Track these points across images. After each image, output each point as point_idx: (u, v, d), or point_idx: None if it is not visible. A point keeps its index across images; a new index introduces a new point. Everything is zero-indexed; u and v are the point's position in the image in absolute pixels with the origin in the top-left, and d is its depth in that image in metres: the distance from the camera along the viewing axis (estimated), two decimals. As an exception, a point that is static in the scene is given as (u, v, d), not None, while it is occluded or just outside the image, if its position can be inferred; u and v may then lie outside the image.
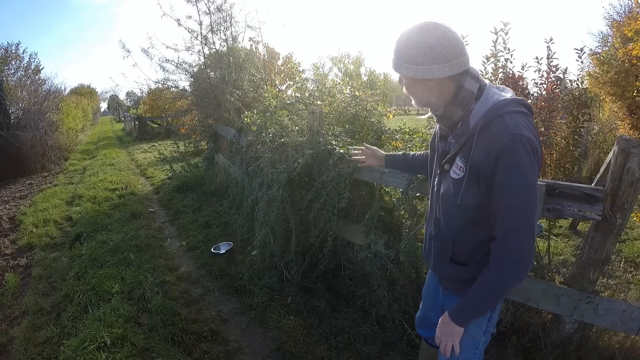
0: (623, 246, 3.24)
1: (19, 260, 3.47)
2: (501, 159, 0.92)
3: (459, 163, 1.04)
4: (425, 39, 0.96)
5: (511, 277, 0.99)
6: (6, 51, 9.58)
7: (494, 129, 0.95)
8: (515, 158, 0.91)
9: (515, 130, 0.92)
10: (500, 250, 0.98)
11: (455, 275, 1.17)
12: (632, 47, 4.22)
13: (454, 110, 1.04)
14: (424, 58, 0.97)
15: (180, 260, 3.33)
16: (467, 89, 1.01)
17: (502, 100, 0.98)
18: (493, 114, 0.96)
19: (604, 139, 5.71)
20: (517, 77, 2.56)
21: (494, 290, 1.02)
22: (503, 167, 0.93)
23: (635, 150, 1.33)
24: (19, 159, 7.75)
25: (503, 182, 0.93)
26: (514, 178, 0.92)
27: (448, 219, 1.12)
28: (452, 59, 0.96)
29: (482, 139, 0.97)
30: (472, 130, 0.99)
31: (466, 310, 1.09)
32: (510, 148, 0.91)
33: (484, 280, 1.02)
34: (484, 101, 1.00)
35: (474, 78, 1.02)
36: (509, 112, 0.96)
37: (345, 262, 2.65)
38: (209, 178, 5.62)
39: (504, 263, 0.98)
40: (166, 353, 2.01)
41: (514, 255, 0.96)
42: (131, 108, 27.27)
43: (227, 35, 5.16)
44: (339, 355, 2.01)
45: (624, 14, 8.82)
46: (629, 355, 1.62)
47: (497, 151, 0.92)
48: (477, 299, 1.05)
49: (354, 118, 2.84)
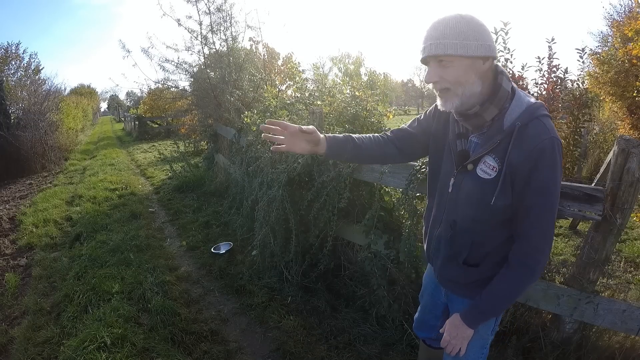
0: (623, 246, 3.24)
1: (19, 260, 3.47)
2: (540, 161, 0.93)
3: (491, 162, 1.00)
4: (467, 19, 0.94)
5: (533, 277, 1.02)
6: (6, 51, 9.57)
7: (534, 131, 0.95)
8: (553, 160, 0.94)
9: (554, 134, 0.95)
10: (527, 251, 1.00)
11: (465, 278, 1.14)
12: (632, 47, 4.21)
13: (490, 109, 0.99)
14: (476, 35, 0.93)
15: (180, 260, 3.33)
16: (504, 89, 1.00)
17: (536, 103, 1.00)
18: (530, 116, 0.97)
19: (604, 139, 5.71)
20: (517, 77, 2.56)
21: (513, 290, 1.04)
22: (542, 168, 0.94)
23: (635, 150, 1.33)
24: (19, 159, 7.75)
25: (541, 183, 0.95)
26: (550, 179, 0.95)
27: (471, 220, 1.08)
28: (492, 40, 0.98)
29: (520, 139, 0.96)
30: (508, 129, 0.97)
31: (481, 312, 1.08)
32: (550, 150, 0.93)
33: (504, 281, 1.03)
34: (519, 102, 1.00)
35: (507, 77, 1.02)
36: (544, 115, 0.98)
37: (345, 262, 2.64)
38: (209, 178, 5.62)
39: (528, 263, 1.00)
40: (166, 353, 2.01)
41: (538, 255, 0.99)
42: (131, 108, 27.24)
43: (227, 35, 5.17)
44: (339, 355, 2.01)
45: (624, 13, 8.82)
46: (629, 355, 1.62)
47: (537, 152, 0.93)
48: (495, 300, 1.06)
49: (354, 118, 2.84)
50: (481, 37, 0.94)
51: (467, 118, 1.03)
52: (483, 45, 0.93)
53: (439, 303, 1.35)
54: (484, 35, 0.94)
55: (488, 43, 0.95)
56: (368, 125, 2.82)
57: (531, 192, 0.96)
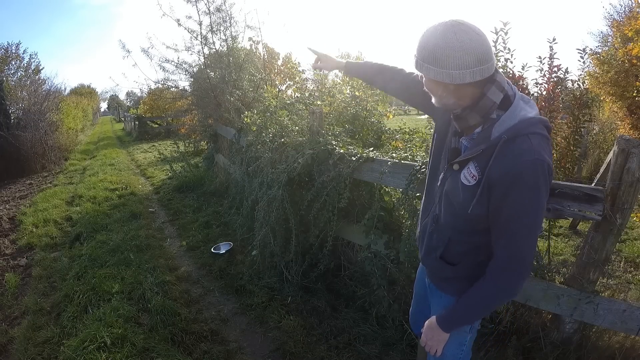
0: (623, 246, 3.24)
1: (19, 260, 3.47)
2: (519, 180, 0.91)
3: (473, 170, 1.01)
4: (449, 42, 0.90)
5: (507, 294, 1.02)
6: (6, 51, 9.57)
7: (519, 147, 0.92)
8: (534, 182, 0.91)
9: (539, 155, 0.91)
10: (502, 267, 0.98)
11: (440, 272, 1.18)
12: (632, 46, 4.21)
13: (472, 115, 1.00)
14: (446, 62, 0.91)
15: (180, 260, 3.33)
16: (489, 98, 0.97)
17: (531, 119, 0.95)
18: (519, 131, 0.93)
19: (604, 139, 5.71)
20: (517, 77, 2.56)
21: (487, 303, 1.05)
22: (521, 188, 0.91)
23: (635, 150, 1.33)
24: (19, 159, 7.75)
25: (518, 203, 0.93)
26: (529, 200, 0.92)
27: (450, 217, 1.11)
28: (475, 65, 0.90)
29: (503, 153, 0.94)
30: (493, 140, 0.96)
31: (455, 318, 1.10)
32: (532, 171, 0.90)
33: (479, 292, 1.03)
34: (512, 114, 0.96)
35: (499, 87, 0.97)
36: (536, 133, 0.93)
37: (345, 262, 2.64)
38: (209, 178, 5.62)
39: (503, 280, 0.99)
40: (166, 353, 2.01)
41: (514, 275, 0.98)
42: (131, 108, 27.25)
43: (226, 35, 5.17)
44: (339, 355, 2.01)
45: (624, 13, 8.82)
46: (629, 355, 1.62)
47: (518, 170, 0.91)
48: (469, 309, 1.07)
49: (354, 118, 2.84)
50: (450, 65, 0.91)
51: (455, 119, 1.06)
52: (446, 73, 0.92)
53: (427, 295, 1.37)
54: (455, 62, 0.90)
55: (454, 72, 0.91)
56: (368, 125, 2.82)
57: (506, 212, 0.94)
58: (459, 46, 0.89)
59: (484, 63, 0.91)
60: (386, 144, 2.71)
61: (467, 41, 0.89)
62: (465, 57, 0.90)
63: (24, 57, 9.89)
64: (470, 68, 0.90)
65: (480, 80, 0.94)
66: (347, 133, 2.66)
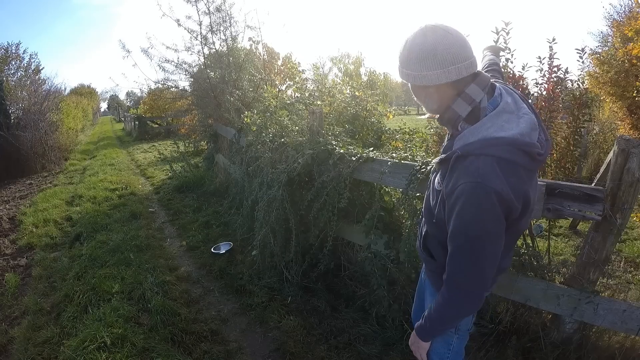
0: (623, 246, 3.24)
1: (19, 260, 3.47)
2: (459, 201, 0.89)
3: (439, 178, 1.03)
4: (421, 44, 0.91)
5: (457, 310, 1.02)
6: (6, 51, 9.55)
7: (465, 167, 0.89)
8: (471, 207, 0.87)
9: (483, 179, 0.85)
10: (447, 284, 0.99)
11: (428, 265, 1.21)
12: (632, 46, 4.21)
13: (443, 123, 1.03)
14: (420, 64, 0.91)
15: (180, 260, 3.32)
16: (452, 110, 0.95)
17: (494, 139, 0.88)
18: (472, 151, 0.89)
19: (604, 139, 5.71)
20: (517, 77, 2.56)
21: (444, 317, 1.06)
22: (459, 211, 0.89)
23: (635, 150, 1.33)
24: (19, 159, 7.75)
25: (455, 225, 0.91)
26: (466, 224, 0.89)
27: (426, 211, 1.15)
28: (449, 64, 0.89)
29: (453, 169, 0.92)
30: (450, 154, 0.95)
31: (425, 330, 1.12)
32: (470, 195, 0.86)
33: (436, 307, 1.05)
34: (475, 130, 0.92)
35: (468, 99, 0.93)
36: (491, 155, 0.87)
37: (345, 262, 2.64)
38: (209, 178, 5.62)
39: (450, 292, 0.99)
40: (166, 353, 2.01)
41: (459, 292, 0.98)
42: (131, 108, 27.25)
43: (226, 36, 5.17)
44: (339, 355, 2.01)
45: (624, 13, 8.81)
46: (629, 355, 1.62)
47: (459, 191, 0.89)
48: (432, 323, 1.08)
49: (354, 118, 2.84)
50: (424, 67, 0.91)
51: (438, 121, 1.08)
52: (421, 75, 0.93)
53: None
54: (428, 64, 0.91)
55: (428, 72, 0.91)
56: (368, 125, 2.83)
57: (450, 228, 0.94)
58: (431, 47, 0.90)
59: (458, 62, 0.90)
60: (386, 144, 2.71)
61: (439, 40, 0.90)
62: (438, 57, 0.90)
63: (24, 57, 9.87)
64: (444, 67, 0.90)
65: (458, 82, 0.92)
66: (347, 133, 2.66)
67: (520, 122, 0.92)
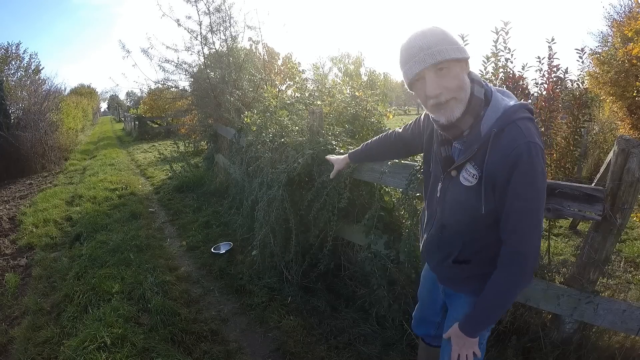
0: (623, 246, 3.24)
1: (19, 260, 3.47)
2: (518, 165, 0.93)
3: (472, 170, 1.02)
4: (440, 29, 0.99)
5: (522, 281, 1.00)
6: (6, 51, 9.56)
7: (509, 136, 0.95)
8: (531, 164, 0.93)
9: (530, 138, 0.93)
10: (513, 255, 0.99)
11: (457, 275, 1.18)
12: (632, 47, 4.21)
13: (465, 119, 1.01)
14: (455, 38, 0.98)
15: (180, 260, 3.33)
16: (477, 97, 1.00)
17: (513, 107, 0.98)
18: (506, 121, 0.97)
19: (604, 139, 5.71)
20: (517, 77, 2.56)
21: (506, 296, 1.03)
22: (520, 173, 0.93)
23: (635, 150, 1.33)
24: (19, 159, 7.75)
25: (519, 187, 0.94)
26: (529, 183, 0.94)
27: (458, 224, 1.11)
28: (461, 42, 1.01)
29: (496, 145, 0.96)
30: (484, 136, 0.98)
31: (478, 321, 1.09)
32: (527, 155, 0.92)
33: (493, 287, 1.03)
34: (495, 107, 1.00)
35: (479, 84, 1.02)
36: (521, 118, 0.97)
37: (345, 262, 2.64)
38: (209, 178, 5.62)
39: (516, 268, 0.99)
40: (166, 353, 2.01)
41: (526, 260, 0.98)
42: (131, 108, 27.24)
43: (226, 36, 5.17)
44: (339, 355, 2.01)
45: (624, 14, 8.82)
46: (629, 355, 1.62)
47: (514, 157, 0.93)
48: (488, 308, 1.06)
49: (354, 118, 2.84)
50: (459, 41, 0.99)
51: (444, 129, 1.06)
52: (464, 48, 0.99)
53: (438, 299, 1.36)
54: (458, 40, 0.99)
55: (463, 46, 0.99)
56: (368, 125, 2.82)
57: (510, 197, 0.96)
58: (446, 30, 0.99)
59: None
60: (386, 144, 2.70)
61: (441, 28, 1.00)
62: (452, 34, 0.99)
63: (24, 57, 9.88)
64: (461, 43, 0.99)
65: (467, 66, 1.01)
66: (347, 133, 2.66)
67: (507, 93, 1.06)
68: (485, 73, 2.63)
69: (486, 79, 2.67)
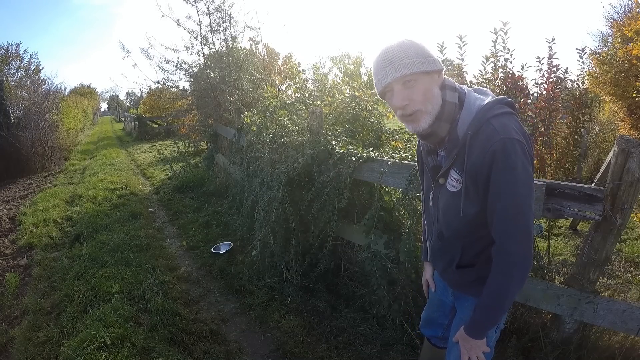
0: (623, 246, 3.24)
1: (19, 260, 3.47)
2: (494, 164, 0.93)
3: (455, 175, 1.04)
4: (412, 41, 0.99)
5: (513, 280, 0.99)
6: (6, 51, 9.56)
7: (483, 135, 0.95)
8: (508, 162, 0.91)
9: (505, 134, 0.92)
10: (500, 254, 0.99)
11: (464, 279, 1.17)
12: (632, 47, 4.21)
13: (441, 126, 1.02)
14: (424, 50, 0.98)
15: (180, 260, 3.32)
16: (450, 102, 1.00)
17: (486, 105, 0.98)
18: (480, 121, 0.97)
19: (604, 139, 5.70)
20: (517, 77, 2.56)
21: (499, 296, 1.02)
22: (497, 171, 0.93)
23: (635, 150, 1.33)
24: (19, 159, 7.76)
25: (497, 186, 0.94)
26: (507, 181, 0.93)
27: (452, 230, 1.12)
28: (432, 54, 1.00)
29: (473, 147, 0.97)
30: (462, 140, 0.99)
31: (479, 324, 1.09)
32: (502, 152, 0.92)
33: (489, 289, 1.03)
34: (468, 109, 1.00)
35: (452, 88, 1.02)
36: (495, 115, 0.96)
37: (345, 262, 2.64)
38: (209, 178, 5.62)
39: (504, 267, 0.98)
40: (166, 353, 2.01)
41: (513, 257, 0.97)
42: (131, 108, 27.27)
43: (226, 36, 5.18)
44: (339, 355, 2.01)
45: (624, 14, 8.82)
46: (629, 355, 1.62)
47: (489, 156, 0.93)
48: (486, 310, 1.05)
49: (354, 118, 2.84)
50: (430, 54, 0.99)
51: (424, 138, 1.08)
52: (435, 60, 0.99)
53: (447, 301, 1.36)
54: (430, 52, 1.00)
55: (434, 58, 0.99)
56: (368, 125, 2.82)
57: (491, 196, 0.96)
58: (419, 42, 0.99)
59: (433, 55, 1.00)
60: (386, 144, 2.71)
61: (417, 41, 1.00)
62: (424, 47, 0.99)
63: (24, 57, 9.88)
64: (433, 56, 0.99)
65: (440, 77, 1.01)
66: (347, 133, 2.66)
67: (484, 91, 1.06)
68: (485, 73, 2.63)
69: (485, 78, 2.67)
